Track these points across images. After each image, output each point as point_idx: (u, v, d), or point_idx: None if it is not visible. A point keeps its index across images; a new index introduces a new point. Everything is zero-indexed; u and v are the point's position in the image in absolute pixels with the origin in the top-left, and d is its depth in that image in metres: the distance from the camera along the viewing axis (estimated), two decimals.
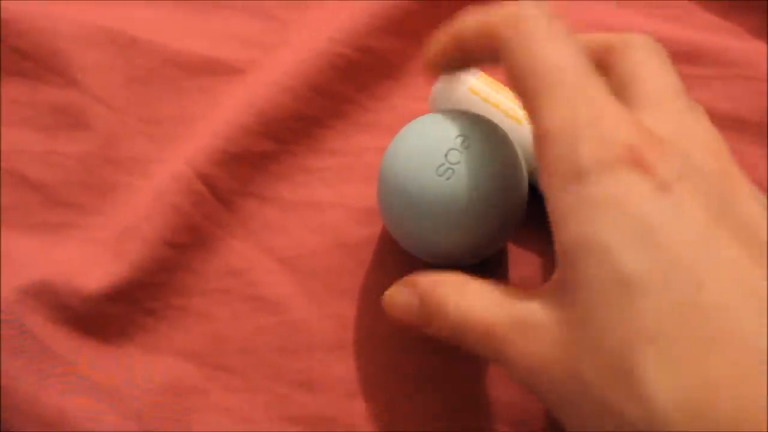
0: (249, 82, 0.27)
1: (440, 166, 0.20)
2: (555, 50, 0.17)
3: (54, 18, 0.28)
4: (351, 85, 0.27)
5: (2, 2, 0.28)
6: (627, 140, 0.15)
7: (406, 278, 0.20)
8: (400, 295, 0.20)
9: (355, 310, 0.24)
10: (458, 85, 0.24)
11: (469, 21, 0.19)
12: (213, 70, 0.28)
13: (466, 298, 0.18)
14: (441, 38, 0.20)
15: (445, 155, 0.20)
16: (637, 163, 0.15)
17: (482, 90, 0.24)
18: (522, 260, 0.24)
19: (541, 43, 0.17)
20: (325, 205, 0.26)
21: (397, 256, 0.25)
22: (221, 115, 0.26)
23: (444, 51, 0.20)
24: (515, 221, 0.22)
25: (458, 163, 0.20)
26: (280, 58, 0.27)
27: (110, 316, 0.24)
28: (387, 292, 0.20)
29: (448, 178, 0.20)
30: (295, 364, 0.24)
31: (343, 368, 0.24)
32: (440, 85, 0.25)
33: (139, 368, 0.24)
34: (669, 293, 0.14)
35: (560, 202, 0.16)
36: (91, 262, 0.24)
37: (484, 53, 0.19)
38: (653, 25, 0.27)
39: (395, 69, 0.27)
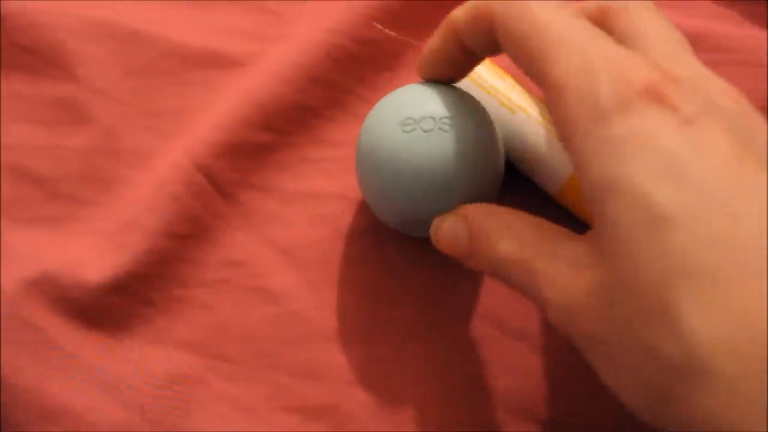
0: (248, 75, 0.27)
1: (409, 128, 0.21)
2: (553, 13, 0.17)
3: (54, 12, 0.28)
4: (350, 76, 0.27)
5: None
6: (645, 77, 0.15)
7: (457, 209, 0.20)
8: (449, 224, 0.20)
9: (355, 301, 0.24)
10: None
11: (459, 12, 0.19)
12: (213, 63, 0.28)
13: (511, 233, 0.18)
14: (435, 38, 0.20)
15: (418, 121, 0.21)
16: (658, 98, 0.15)
17: (480, 76, 0.24)
18: None
19: (538, 9, 0.17)
20: (325, 196, 0.26)
21: (398, 246, 0.25)
22: (221, 107, 0.26)
23: (440, 48, 0.20)
24: (487, 194, 0.22)
25: (431, 130, 0.20)
26: (279, 50, 0.27)
27: (112, 307, 0.24)
28: (435, 221, 0.20)
29: (417, 142, 0.20)
30: (295, 353, 0.24)
31: (343, 358, 0.24)
32: None
33: (141, 359, 0.24)
34: (703, 226, 0.14)
35: (583, 148, 0.15)
36: (92, 254, 0.25)
37: (479, 39, 0.19)
38: None
39: (394, 60, 0.27)
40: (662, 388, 0.14)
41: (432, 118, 0.21)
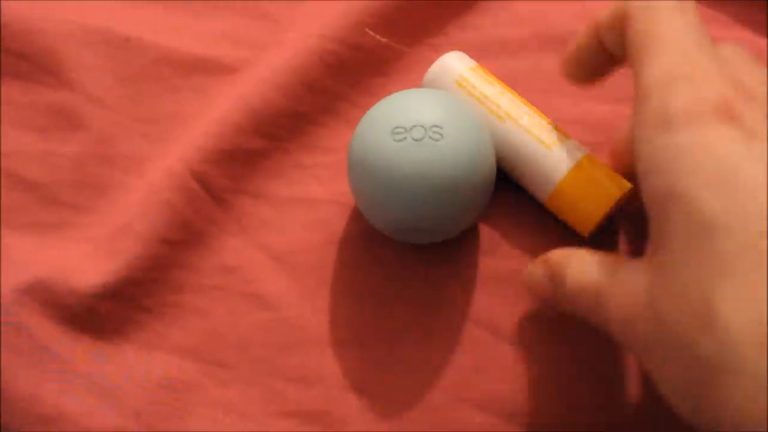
0: (241, 80, 0.27)
1: (400, 137, 0.21)
2: (668, 15, 0.17)
3: (48, 19, 0.28)
4: (342, 82, 0.27)
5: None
6: (719, 93, 0.16)
7: (541, 256, 0.21)
8: (535, 271, 0.21)
9: (349, 306, 0.24)
10: (446, 77, 0.25)
11: (604, 11, 0.20)
12: (206, 69, 0.28)
13: (581, 267, 0.19)
14: (579, 36, 0.21)
15: (409, 129, 0.21)
16: (726, 114, 0.16)
17: (469, 83, 0.24)
18: (497, 251, 0.25)
19: (658, 10, 0.18)
20: (318, 202, 0.26)
21: (390, 251, 0.25)
22: (214, 114, 0.26)
23: (582, 46, 0.21)
24: (479, 201, 0.22)
25: (422, 139, 0.21)
26: (272, 56, 0.27)
27: (106, 313, 0.24)
28: (525, 270, 0.22)
29: (408, 151, 0.21)
30: (289, 359, 0.24)
31: (337, 363, 0.24)
32: (430, 77, 0.25)
33: (136, 365, 0.24)
34: (747, 234, 0.14)
35: (648, 154, 0.16)
36: (86, 261, 0.25)
37: (614, 38, 0.20)
38: None
39: (386, 65, 0.28)
40: (700, 386, 0.15)
41: (422, 126, 0.21)
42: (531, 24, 0.28)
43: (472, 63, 0.25)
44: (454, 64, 0.25)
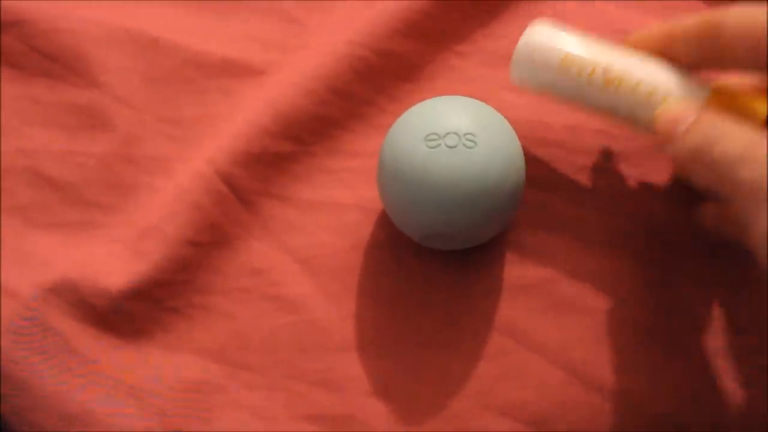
0: (269, 84, 0.27)
1: (434, 144, 0.21)
2: None
3: (76, 19, 0.28)
4: (370, 87, 0.27)
5: (26, 4, 0.28)
6: None
7: (691, 103, 0.21)
8: (680, 103, 0.21)
9: (373, 311, 0.25)
10: (549, 52, 0.22)
11: (681, 23, 0.21)
12: (233, 72, 0.28)
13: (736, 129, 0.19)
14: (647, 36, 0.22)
15: (443, 136, 0.21)
16: None
17: (577, 59, 0.22)
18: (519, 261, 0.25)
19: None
20: (344, 206, 0.26)
21: (415, 257, 0.25)
22: (242, 116, 0.26)
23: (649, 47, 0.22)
24: (509, 207, 0.22)
25: (456, 146, 0.21)
26: (300, 60, 0.27)
27: (132, 314, 0.24)
28: (669, 101, 0.21)
29: (441, 158, 0.21)
30: (314, 363, 0.24)
31: (361, 368, 0.24)
32: (528, 46, 0.22)
33: (161, 366, 0.24)
34: None
35: None
36: (113, 261, 0.25)
37: (693, 48, 0.21)
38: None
39: (414, 72, 0.28)
40: None
41: (456, 134, 0.21)
42: None
43: (572, 32, 0.22)
44: (547, 41, 0.22)
